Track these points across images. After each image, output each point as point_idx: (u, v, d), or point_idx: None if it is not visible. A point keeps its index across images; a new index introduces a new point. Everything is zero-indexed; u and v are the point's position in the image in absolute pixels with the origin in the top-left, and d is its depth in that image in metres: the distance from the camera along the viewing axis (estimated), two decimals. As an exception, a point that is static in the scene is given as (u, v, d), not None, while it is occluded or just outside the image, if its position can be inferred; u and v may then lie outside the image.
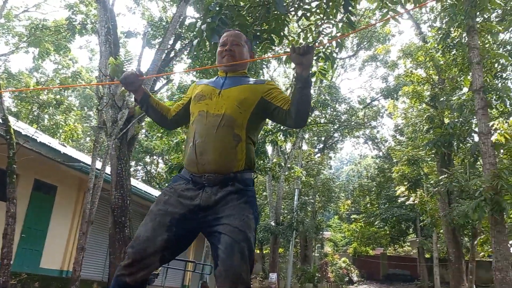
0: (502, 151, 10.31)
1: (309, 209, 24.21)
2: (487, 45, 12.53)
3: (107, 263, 8.92)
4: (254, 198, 2.01)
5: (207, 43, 3.98)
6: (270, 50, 4.62)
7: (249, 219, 1.88)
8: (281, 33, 4.34)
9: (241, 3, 4.17)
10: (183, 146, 13.37)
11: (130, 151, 8.30)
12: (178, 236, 1.90)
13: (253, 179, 2.07)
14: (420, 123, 16.96)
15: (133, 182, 10.88)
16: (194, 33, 4.08)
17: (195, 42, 4.13)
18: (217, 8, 3.57)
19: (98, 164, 8.58)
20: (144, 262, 1.84)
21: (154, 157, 29.98)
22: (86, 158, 11.25)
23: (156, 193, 14.15)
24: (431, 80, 16.64)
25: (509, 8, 14.48)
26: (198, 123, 2.03)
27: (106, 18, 8.38)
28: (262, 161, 13.50)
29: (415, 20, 18.86)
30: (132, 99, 8.57)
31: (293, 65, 2.19)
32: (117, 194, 7.36)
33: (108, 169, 8.11)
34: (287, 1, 4.01)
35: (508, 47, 14.64)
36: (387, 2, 4.25)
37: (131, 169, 26.83)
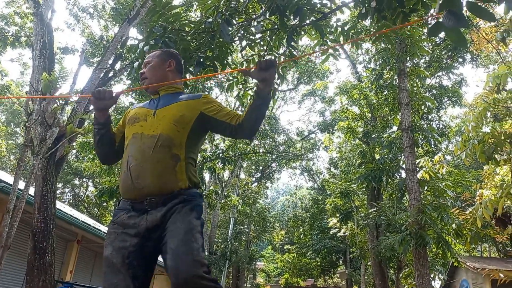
0: (426, 187, 10.94)
1: (244, 238, 24.06)
2: (415, 88, 13.46)
3: (22, 293, 8.18)
4: (200, 207, 1.92)
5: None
6: (213, 78, 4.61)
7: (194, 220, 1.80)
8: (225, 61, 4.35)
9: (186, 28, 4.16)
10: (117, 169, 12.89)
11: (57, 172, 7.80)
12: (140, 267, 1.78)
13: (200, 194, 1.98)
14: (353, 157, 17.65)
15: (59, 205, 10.19)
16: (136, 54, 3.98)
17: (136, 64, 4.02)
18: (161, 30, 3.52)
19: (21, 184, 7.97)
20: None
21: (84, 179, 28.52)
22: (8, 177, 10.41)
23: (82, 217, 13.34)
24: (365, 117, 17.51)
25: (435, 55, 15.78)
26: (132, 146, 1.92)
27: (43, 32, 8.00)
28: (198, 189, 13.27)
29: (352, 60, 19.93)
30: (64, 118, 8.16)
31: (251, 80, 2.15)
32: (40, 217, 6.84)
33: (32, 190, 7.54)
34: (232, 30, 4.04)
35: (434, 91, 15.84)
36: (327, 40, 4.42)
37: (58, 191, 25.24)
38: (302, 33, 4.70)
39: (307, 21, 3.93)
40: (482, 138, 6.61)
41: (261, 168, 28.38)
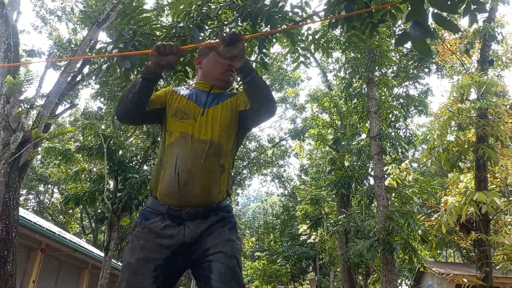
0: (394, 194, 11.18)
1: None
2: (383, 97, 13.77)
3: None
4: (236, 224, 1.87)
5: (118, 69, 3.82)
6: (184, 83, 4.58)
7: (237, 244, 1.75)
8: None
9: (158, 32, 4.11)
10: (83, 176, 12.56)
11: (21, 178, 7.52)
12: (165, 282, 1.69)
13: (230, 205, 1.92)
14: (323, 164, 17.87)
15: (22, 212, 9.83)
16: (104, 58, 3.90)
17: (104, 67, 3.94)
18: (131, 34, 3.47)
19: (-19, 191, 7.63)
20: None
21: (49, 186, 27.65)
22: (-33, 183, 9.97)
23: (47, 225, 12.93)
24: (334, 124, 17.78)
25: (403, 65, 16.23)
26: (181, 148, 1.76)
27: (7, 34, 7.75)
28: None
29: (322, 68, 20.24)
30: (30, 122, 7.89)
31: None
32: (1, 225, 6.56)
33: (-8, 197, 7.24)
34: (204, 36, 4.02)
35: (401, 100, 16.26)
36: (298, 48, 4.47)
37: (21, 198, 24.42)
38: (274, 40, 4.73)
39: (279, 29, 3.96)
40: (446, 147, 6.82)
41: (232, 174, 28.28)
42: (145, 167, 13.04)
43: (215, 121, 1.83)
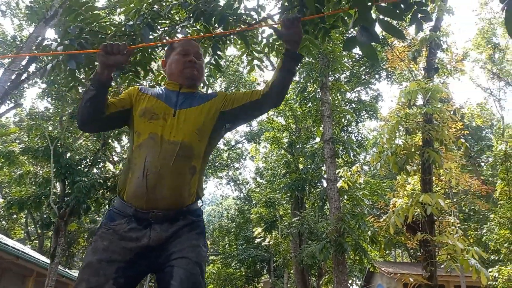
0: (345, 196, 11.44)
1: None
2: (336, 101, 14.10)
3: None
4: (205, 228, 1.82)
5: (63, 67, 3.65)
6: (134, 83, 4.45)
7: (203, 251, 1.71)
8: (148, 66, 4.21)
9: (108, 30, 3.97)
10: (28, 179, 11.94)
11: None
12: (126, 284, 1.62)
13: (201, 208, 1.86)
14: (278, 167, 18.02)
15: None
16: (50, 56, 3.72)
17: (49, 66, 3.75)
18: (77, 31, 3.32)
19: None
20: None
21: (-9, 189, 26.11)
22: None
23: (-12, 231, 12.20)
24: (289, 128, 18.00)
25: (355, 71, 16.70)
26: (150, 150, 1.71)
27: None
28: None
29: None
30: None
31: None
32: None
33: None
34: (156, 36, 3.93)
35: (353, 105, 16.72)
36: (253, 51, 4.46)
37: (-41, 203, 22.88)
38: (228, 42, 4.70)
39: (233, 30, 3.94)
40: (395, 150, 7.05)
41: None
42: (95, 170, 12.59)
43: (187, 123, 1.79)
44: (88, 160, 12.61)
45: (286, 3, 4.01)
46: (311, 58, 11.86)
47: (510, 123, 26.06)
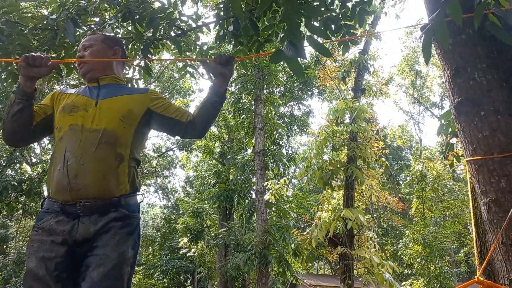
0: (273, 209, 11.58)
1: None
2: (269, 114, 14.33)
3: None
4: (139, 227, 1.72)
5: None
6: (57, 82, 4.18)
7: (127, 253, 1.60)
8: (72, 65, 3.97)
9: (30, 23, 3.69)
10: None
11: None
12: (70, 278, 1.54)
13: (139, 204, 1.76)
14: (208, 177, 17.88)
15: None
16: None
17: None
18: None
19: None
20: None
21: None
22: None
23: None
24: (222, 138, 17.97)
25: (289, 86, 17.12)
26: (70, 140, 1.65)
27: None
28: (35, 203, 11.87)
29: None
30: None
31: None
32: None
33: None
34: (82, 32, 3.72)
35: (286, 119, 17.09)
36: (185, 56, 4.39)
37: None
38: (161, 46, 4.58)
39: (166, 35, 3.84)
40: (321, 165, 7.27)
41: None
42: (9, 172, 11.65)
43: (111, 111, 1.74)
44: (1, 160, 11.66)
45: (222, 13, 4.00)
46: (242, 70, 11.98)
47: (427, 145, 28.14)
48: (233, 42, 3.98)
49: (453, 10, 1.67)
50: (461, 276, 15.98)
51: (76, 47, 3.72)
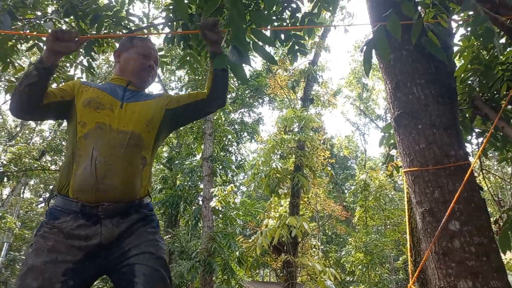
0: (220, 215, 11.49)
1: (18, 267, 20.91)
2: (219, 121, 14.27)
3: None
4: (159, 222, 1.73)
5: None
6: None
7: (162, 244, 1.64)
8: (7, 59, 3.74)
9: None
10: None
11: None
12: (76, 287, 1.46)
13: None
14: (154, 182, 17.47)
15: None
16: None
17: None
18: None
19: None
20: None
21: None
22: None
23: None
24: (170, 142, 17.65)
25: (240, 93, 17.16)
26: (98, 138, 1.61)
27: None
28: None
29: (164, 85, 20.03)
30: None
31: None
32: None
33: None
34: (20, 26, 3.52)
35: (236, 126, 17.09)
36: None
37: None
38: (106, 45, 4.42)
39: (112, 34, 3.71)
40: (269, 173, 7.31)
41: (51, 187, 25.54)
42: None
43: (136, 114, 1.74)
44: None
45: (171, 15, 3.93)
46: (191, 73, 11.87)
47: (372, 156, 29.21)
48: (181, 46, 3.92)
49: (393, 25, 1.71)
50: (399, 283, 16.61)
51: (16, 42, 3.51)
